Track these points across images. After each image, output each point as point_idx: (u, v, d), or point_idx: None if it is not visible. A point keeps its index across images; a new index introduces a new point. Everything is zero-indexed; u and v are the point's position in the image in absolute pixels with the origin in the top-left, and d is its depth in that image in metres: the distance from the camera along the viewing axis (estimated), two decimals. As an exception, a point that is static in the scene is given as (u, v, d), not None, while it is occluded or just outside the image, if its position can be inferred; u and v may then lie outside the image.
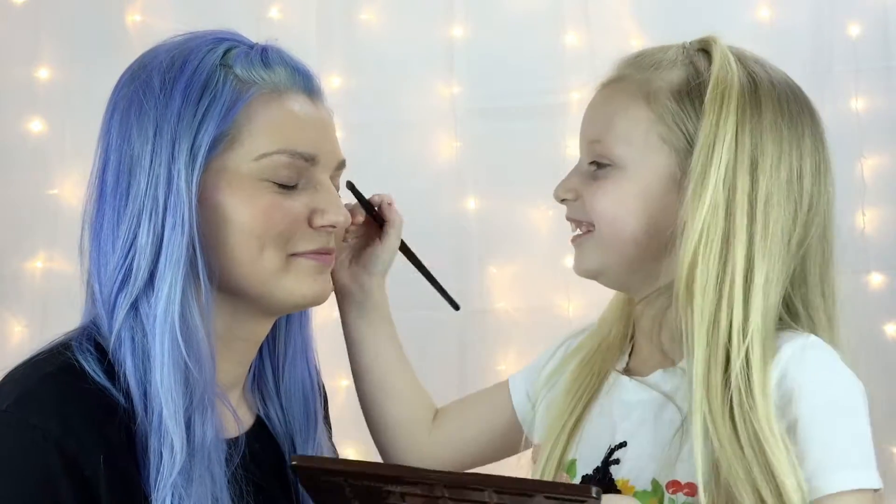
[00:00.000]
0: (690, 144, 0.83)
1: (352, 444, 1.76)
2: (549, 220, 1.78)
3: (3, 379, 0.80)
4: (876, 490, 0.78)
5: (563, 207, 0.93)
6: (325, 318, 1.79)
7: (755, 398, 0.77)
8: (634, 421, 0.87)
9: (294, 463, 0.72)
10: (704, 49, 0.87)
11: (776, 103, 0.84)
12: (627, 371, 0.92)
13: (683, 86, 0.85)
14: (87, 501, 0.75)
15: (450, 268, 1.79)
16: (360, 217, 1.01)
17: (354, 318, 1.05)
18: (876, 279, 1.76)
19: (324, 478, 0.72)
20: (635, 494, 0.84)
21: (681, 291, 0.81)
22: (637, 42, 1.73)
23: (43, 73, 1.84)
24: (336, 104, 0.95)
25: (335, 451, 1.05)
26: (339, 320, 1.80)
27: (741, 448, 0.76)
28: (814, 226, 0.83)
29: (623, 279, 0.90)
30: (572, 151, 1.73)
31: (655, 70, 0.87)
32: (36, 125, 1.84)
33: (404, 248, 1.07)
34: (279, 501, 0.93)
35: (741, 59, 0.86)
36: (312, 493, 0.75)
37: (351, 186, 1.00)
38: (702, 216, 0.79)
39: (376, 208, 1.03)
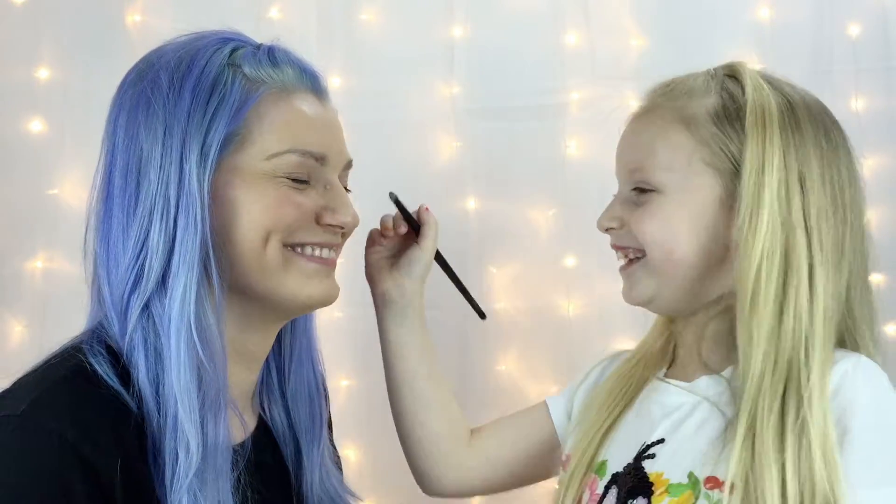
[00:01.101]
0: (735, 166, 0.85)
1: (352, 444, 1.77)
2: (549, 220, 1.78)
3: (17, 383, 0.80)
4: None
5: (565, 207, 0.94)
6: (325, 319, 1.79)
7: (813, 404, 0.79)
8: (674, 420, 0.89)
9: None
10: (732, 75, 0.90)
11: (813, 120, 0.87)
12: (671, 377, 0.94)
13: (721, 110, 0.87)
14: None
15: (450, 268, 1.79)
16: (403, 228, 1.02)
17: (395, 326, 1.05)
18: (876, 279, 1.75)
19: None
20: (668, 486, 0.85)
21: (745, 308, 0.83)
22: (637, 42, 1.73)
23: (43, 73, 1.83)
24: (336, 104, 0.95)
25: (336, 452, 1.04)
26: (340, 320, 1.81)
27: (782, 453, 0.78)
28: (857, 235, 0.87)
29: (674, 304, 0.92)
30: (572, 151, 1.73)
31: (689, 97, 0.89)
32: (36, 125, 1.84)
33: (437, 255, 1.09)
34: (279, 504, 0.93)
35: (770, 81, 0.89)
36: None
37: (394, 199, 1.01)
38: (761, 236, 0.82)
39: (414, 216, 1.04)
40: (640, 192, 0.90)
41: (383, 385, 1.91)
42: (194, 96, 0.82)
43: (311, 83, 0.89)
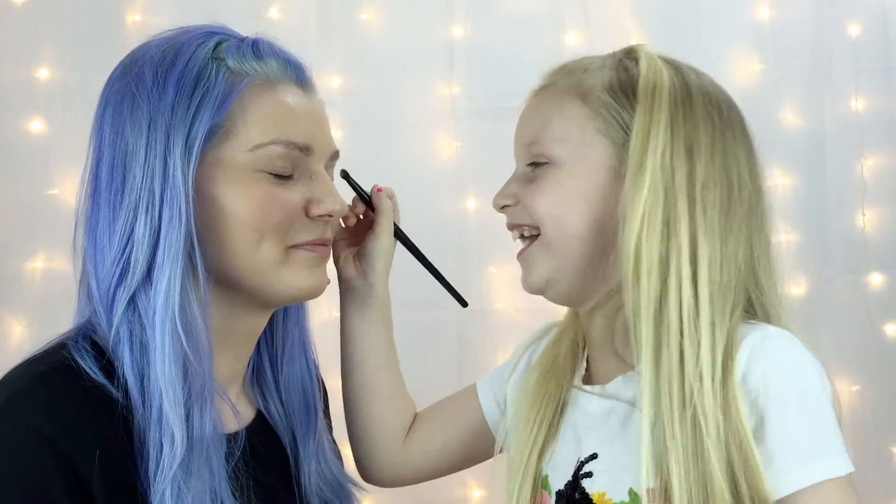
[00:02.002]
0: (627, 135, 0.84)
1: (352, 444, 1.76)
2: (549, 220, 1.78)
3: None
4: (850, 473, 0.78)
5: None
6: (325, 318, 1.79)
7: (705, 393, 0.76)
8: (603, 432, 0.86)
9: None
10: (630, 54, 0.89)
11: (706, 96, 0.85)
12: (588, 381, 0.91)
13: (616, 82, 0.86)
14: (82, 501, 0.74)
15: (450, 268, 1.78)
16: (360, 208, 1.01)
17: (352, 312, 1.04)
18: (876, 279, 1.76)
19: None
20: None
21: (629, 277, 0.80)
22: (637, 42, 1.73)
23: (43, 73, 1.84)
24: (336, 104, 0.95)
25: (336, 445, 1.05)
26: (339, 320, 1.81)
27: (696, 448, 0.75)
28: (753, 215, 0.84)
29: (572, 287, 0.88)
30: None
31: (585, 72, 0.88)
32: (36, 125, 1.84)
33: (404, 240, 1.05)
34: (279, 495, 0.93)
35: (670, 62, 0.88)
36: None
37: (345, 175, 0.99)
38: (642, 201, 0.80)
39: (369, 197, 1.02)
40: (535, 166, 0.88)
41: (383, 385, 1.91)
42: (178, 90, 0.82)
43: (296, 75, 0.89)
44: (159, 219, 0.80)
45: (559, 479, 0.88)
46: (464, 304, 1.09)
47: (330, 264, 0.95)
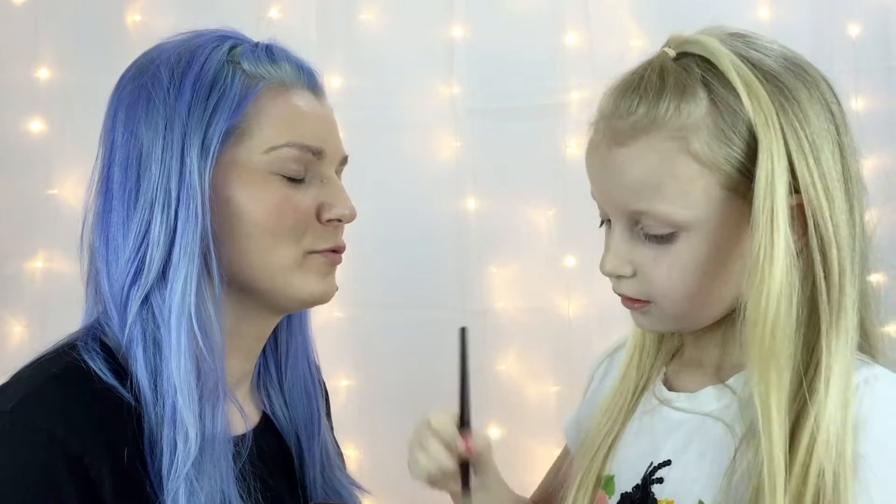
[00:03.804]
0: (741, 171, 0.75)
1: (352, 444, 1.77)
2: (549, 220, 1.78)
3: (8, 380, 0.80)
4: None
5: (565, 207, 0.88)
6: (325, 318, 1.80)
7: (836, 451, 0.72)
8: (681, 439, 0.82)
9: None
10: (705, 58, 0.78)
11: (807, 91, 0.77)
12: (670, 386, 0.87)
13: (717, 115, 0.75)
14: (92, 502, 0.74)
15: (450, 267, 1.79)
16: (460, 445, 0.93)
17: None
18: (876, 279, 1.76)
19: None
20: None
21: (762, 348, 0.74)
22: (637, 42, 1.73)
23: (43, 73, 1.84)
24: (336, 104, 0.95)
25: (338, 446, 1.05)
26: (340, 320, 1.81)
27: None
28: (859, 230, 0.80)
29: (691, 328, 0.84)
30: (572, 151, 1.73)
31: (677, 111, 0.76)
32: (36, 125, 1.84)
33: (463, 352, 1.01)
34: (285, 498, 0.93)
35: (740, 52, 0.78)
36: None
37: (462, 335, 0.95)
38: (778, 267, 0.73)
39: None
40: (656, 238, 0.78)
41: (383, 385, 1.92)
42: (195, 91, 0.82)
43: (308, 80, 0.90)
44: (175, 218, 0.81)
45: (627, 481, 0.85)
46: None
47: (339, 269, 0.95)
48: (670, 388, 0.87)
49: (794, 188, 0.75)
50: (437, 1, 1.83)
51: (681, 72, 0.77)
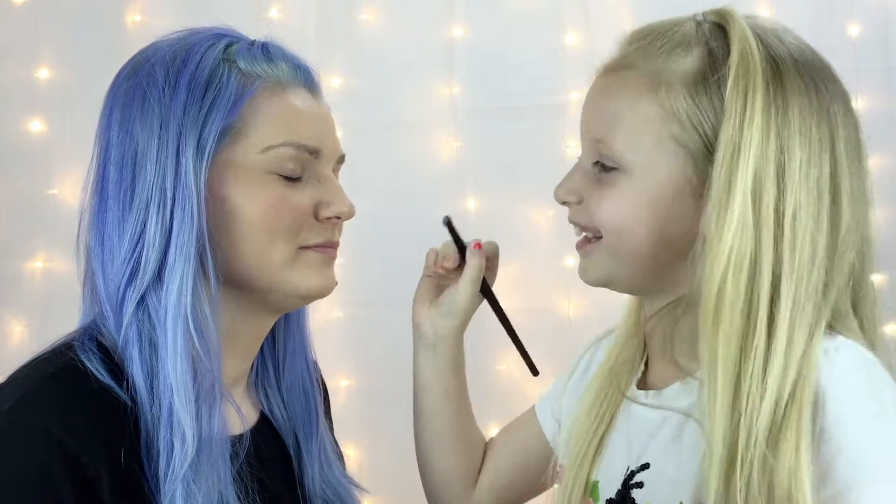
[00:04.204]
0: (707, 147, 0.75)
1: (352, 443, 1.77)
2: (550, 220, 1.78)
3: (6, 381, 0.80)
4: None
5: (564, 208, 0.87)
6: (325, 319, 1.80)
7: (787, 453, 0.69)
8: (656, 441, 0.82)
9: None
10: (720, 24, 0.78)
11: (805, 93, 0.75)
12: (644, 386, 0.87)
13: (699, 76, 0.76)
14: (89, 503, 0.74)
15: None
16: (450, 263, 0.99)
17: (424, 362, 1.02)
18: (876, 279, 1.76)
19: None
20: None
21: (708, 316, 0.73)
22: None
23: (43, 73, 1.84)
24: (336, 104, 0.95)
25: (338, 445, 1.05)
26: (340, 320, 1.81)
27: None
28: (851, 228, 0.77)
29: (634, 287, 0.85)
30: (572, 151, 1.73)
31: (667, 57, 0.77)
32: (36, 125, 1.84)
33: (490, 298, 1.02)
34: (283, 497, 0.93)
35: (762, 37, 0.77)
36: None
37: (448, 222, 0.98)
38: (729, 236, 0.72)
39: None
40: (603, 167, 0.79)
41: (383, 385, 1.91)
42: (190, 90, 0.82)
43: (305, 78, 0.89)
44: (171, 218, 0.80)
45: (610, 487, 0.84)
46: (535, 372, 1.03)
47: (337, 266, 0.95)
48: (642, 386, 0.87)
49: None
50: (437, 1, 1.83)
51: (692, 31, 0.79)
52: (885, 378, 0.73)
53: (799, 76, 0.76)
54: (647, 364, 0.89)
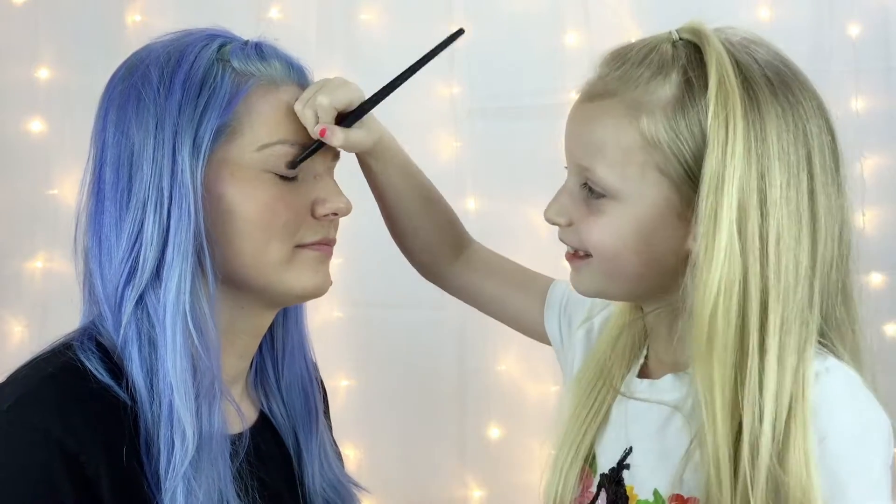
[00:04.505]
0: (689, 174, 0.77)
1: (352, 444, 1.77)
2: (549, 220, 1.78)
3: (5, 380, 0.80)
4: None
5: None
6: (325, 319, 1.79)
7: (797, 467, 0.73)
8: (643, 427, 0.85)
9: None
10: (695, 44, 0.80)
11: (780, 113, 0.77)
12: (645, 371, 0.89)
13: (678, 105, 0.78)
14: (89, 502, 0.75)
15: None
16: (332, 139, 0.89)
17: (370, 171, 1.02)
18: (876, 279, 1.76)
19: None
20: (637, 503, 0.83)
21: (701, 342, 0.76)
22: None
23: (43, 73, 1.84)
24: (336, 104, 0.95)
25: (337, 446, 1.05)
26: (340, 320, 1.81)
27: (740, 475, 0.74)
28: (829, 240, 0.78)
29: (627, 298, 0.88)
30: (572, 151, 1.73)
31: (646, 85, 0.79)
32: (36, 125, 1.84)
33: (368, 103, 0.96)
34: (283, 496, 0.93)
35: (736, 57, 0.79)
36: None
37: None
38: (718, 265, 0.74)
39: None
40: (591, 191, 0.82)
41: (383, 385, 1.91)
42: (185, 90, 0.82)
43: (298, 77, 0.90)
44: (168, 217, 0.81)
45: (605, 463, 0.87)
46: (461, 31, 1.01)
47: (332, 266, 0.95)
48: (643, 372, 0.89)
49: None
50: (437, 1, 1.83)
51: (668, 53, 0.81)
52: (870, 401, 0.77)
53: (774, 98, 0.78)
54: (648, 350, 0.91)
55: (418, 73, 1.88)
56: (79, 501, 0.74)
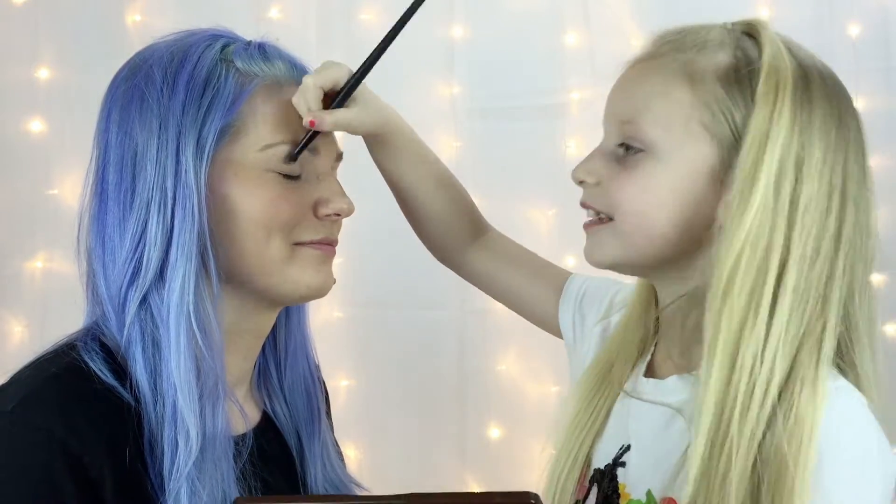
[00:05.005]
0: (735, 136, 0.77)
1: (351, 443, 1.77)
2: (550, 219, 1.78)
3: (8, 381, 0.80)
4: None
5: (564, 208, 0.88)
6: (325, 318, 1.79)
7: (781, 433, 0.72)
8: (644, 427, 0.84)
9: None
10: (750, 34, 0.81)
11: (827, 100, 0.79)
12: (651, 370, 0.88)
13: (732, 71, 0.78)
14: (92, 503, 0.75)
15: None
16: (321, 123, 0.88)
17: (379, 158, 1.02)
18: (876, 279, 1.75)
19: None
20: (629, 502, 0.82)
21: (717, 296, 0.75)
22: (637, 42, 1.72)
23: (43, 73, 1.84)
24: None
25: (338, 446, 1.05)
26: (340, 320, 1.81)
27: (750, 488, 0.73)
28: (855, 226, 0.79)
29: (643, 270, 0.85)
30: (573, 151, 1.73)
31: (699, 51, 0.80)
32: (36, 125, 1.84)
33: (356, 78, 0.93)
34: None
35: (791, 47, 0.80)
36: None
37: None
38: (749, 220, 0.74)
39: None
40: (627, 149, 0.80)
41: (383, 385, 1.92)
42: (188, 91, 0.82)
43: (301, 77, 0.90)
44: (172, 218, 0.81)
45: (602, 458, 0.87)
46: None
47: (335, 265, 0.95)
48: (649, 370, 0.88)
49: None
50: (437, 1, 1.83)
51: (724, 33, 0.82)
52: (875, 431, 0.76)
53: (823, 83, 0.80)
54: (655, 349, 0.89)
55: (418, 72, 1.88)
56: (82, 502, 0.74)
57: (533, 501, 0.60)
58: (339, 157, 0.93)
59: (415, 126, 1.94)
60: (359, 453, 1.79)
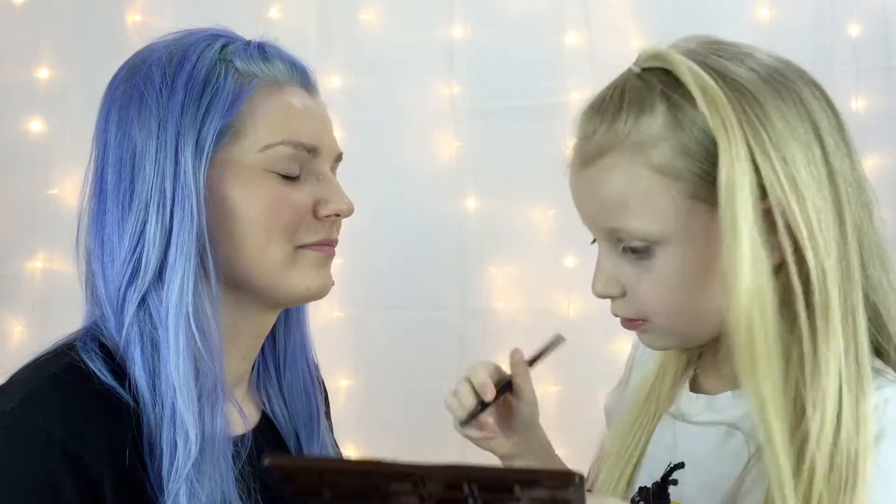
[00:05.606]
0: (707, 181, 0.74)
1: (352, 444, 1.77)
2: (550, 220, 1.78)
3: (8, 381, 0.80)
4: None
5: (565, 207, 0.83)
6: (325, 318, 1.80)
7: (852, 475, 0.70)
8: (698, 444, 0.82)
9: (267, 462, 0.64)
10: (662, 68, 0.77)
11: (774, 94, 0.74)
12: (697, 388, 0.86)
13: (676, 126, 0.74)
14: (92, 503, 0.74)
15: (450, 268, 1.79)
16: (490, 395, 0.97)
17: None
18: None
19: (301, 478, 0.69)
20: None
21: (745, 361, 0.72)
22: (637, 42, 1.73)
23: (43, 73, 1.84)
24: (336, 104, 0.96)
25: (338, 447, 1.05)
26: (339, 320, 1.81)
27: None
28: (851, 202, 0.76)
29: (708, 339, 0.82)
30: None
31: (636, 125, 0.76)
32: (36, 125, 1.84)
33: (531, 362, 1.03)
34: (285, 498, 0.93)
35: (703, 60, 0.76)
36: (292, 495, 0.73)
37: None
38: (745, 273, 0.71)
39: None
40: (633, 251, 0.77)
41: (383, 385, 1.92)
42: (187, 91, 0.82)
43: (301, 77, 0.90)
44: (171, 218, 0.80)
45: (647, 474, 0.85)
46: (562, 338, 1.02)
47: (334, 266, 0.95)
48: (696, 389, 0.86)
49: (763, 193, 0.73)
50: (437, 1, 1.83)
51: (640, 87, 0.77)
52: None
53: (761, 81, 0.75)
54: (697, 367, 0.88)
55: (418, 72, 1.88)
56: (81, 503, 0.74)
57: (578, 481, 0.58)
58: (339, 157, 0.93)
59: (415, 126, 1.95)
60: (358, 453, 1.79)
